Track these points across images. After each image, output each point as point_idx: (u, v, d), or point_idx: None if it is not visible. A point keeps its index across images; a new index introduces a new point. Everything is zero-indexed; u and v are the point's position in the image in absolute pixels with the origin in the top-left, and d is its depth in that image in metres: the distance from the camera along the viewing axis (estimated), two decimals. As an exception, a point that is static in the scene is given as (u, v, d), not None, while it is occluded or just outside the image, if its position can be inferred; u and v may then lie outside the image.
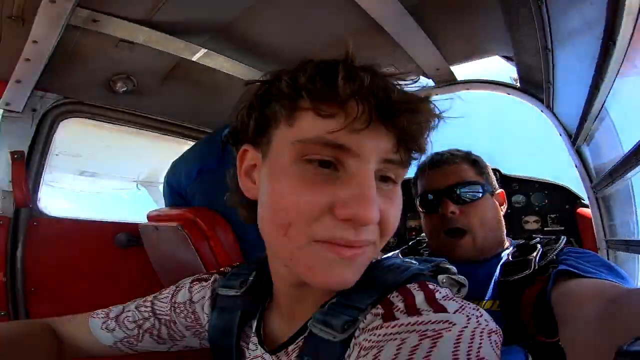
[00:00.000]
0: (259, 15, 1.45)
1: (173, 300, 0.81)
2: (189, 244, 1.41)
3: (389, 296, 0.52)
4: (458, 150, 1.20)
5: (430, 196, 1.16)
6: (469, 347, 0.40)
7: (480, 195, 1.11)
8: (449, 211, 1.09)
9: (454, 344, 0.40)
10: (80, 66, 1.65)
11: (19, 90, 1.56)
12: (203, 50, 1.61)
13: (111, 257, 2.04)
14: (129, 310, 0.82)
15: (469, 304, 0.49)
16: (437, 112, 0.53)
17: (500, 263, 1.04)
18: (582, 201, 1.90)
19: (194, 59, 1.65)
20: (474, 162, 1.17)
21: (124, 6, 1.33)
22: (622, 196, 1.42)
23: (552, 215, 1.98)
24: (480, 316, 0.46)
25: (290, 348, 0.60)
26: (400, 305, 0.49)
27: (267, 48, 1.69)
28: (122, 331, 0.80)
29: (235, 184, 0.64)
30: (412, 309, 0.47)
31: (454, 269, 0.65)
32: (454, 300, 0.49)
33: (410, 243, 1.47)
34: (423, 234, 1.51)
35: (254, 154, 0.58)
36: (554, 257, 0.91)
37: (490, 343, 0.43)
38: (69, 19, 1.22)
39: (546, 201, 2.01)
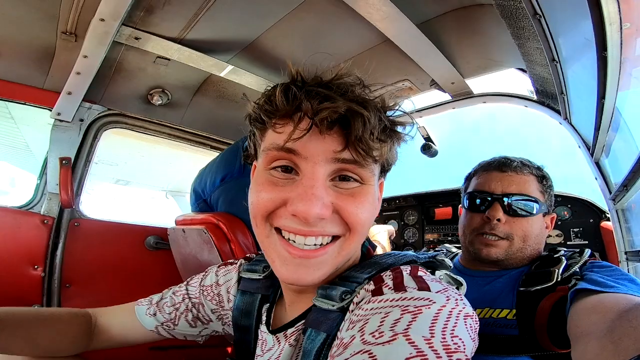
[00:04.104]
0: (280, 34, 1.56)
1: (202, 284, 0.90)
2: (212, 245, 1.50)
3: (382, 274, 0.58)
4: (530, 162, 1.15)
5: (483, 196, 1.12)
6: (444, 324, 0.45)
7: (534, 213, 1.07)
8: (495, 217, 1.06)
9: (432, 320, 0.45)
10: (122, 80, 1.83)
11: (69, 102, 1.75)
12: (230, 67, 1.74)
13: (140, 258, 2.19)
14: (166, 297, 0.92)
15: (452, 288, 0.54)
16: (383, 113, 0.57)
17: (522, 274, 1.03)
18: (607, 215, 1.86)
19: (222, 74, 1.79)
20: (542, 178, 1.13)
21: (161, 25, 1.47)
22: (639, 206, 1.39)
23: (575, 230, 1.94)
24: (461, 300, 0.50)
25: (290, 331, 0.66)
26: (390, 282, 0.54)
27: (287, 64, 1.80)
28: (162, 316, 0.89)
29: None
30: (399, 286, 0.53)
31: (450, 263, 0.69)
32: (439, 283, 0.54)
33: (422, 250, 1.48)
34: (439, 248, 1.53)
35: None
36: (577, 269, 0.91)
37: (466, 325, 0.47)
38: (115, 36, 1.38)
39: (569, 215, 1.97)
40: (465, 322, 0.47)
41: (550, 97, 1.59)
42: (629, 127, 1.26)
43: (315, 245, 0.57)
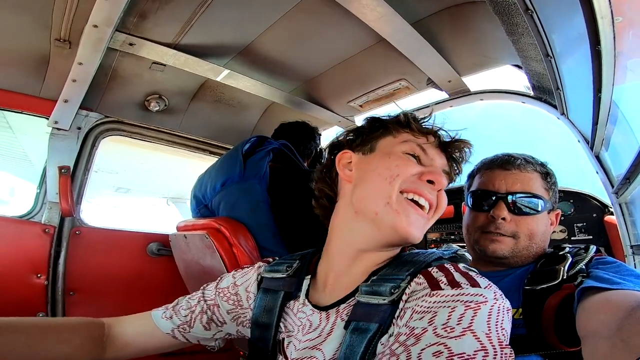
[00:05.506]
0: (276, 37, 1.56)
1: (218, 287, 0.96)
2: (214, 250, 1.49)
3: (429, 269, 0.68)
4: (533, 159, 1.13)
5: (487, 195, 1.10)
6: (496, 318, 0.55)
7: (539, 210, 1.06)
8: (500, 216, 1.05)
9: (488, 315, 0.55)
10: (118, 87, 1.83)
11: (66, 110, 1.74)
12: (226, 71, 1.74)
13: (143, 264, 2.18)
14: (182, 302, 0.97)
15: (491, 282, 0.64)
16: (470, 149, 0.85)
17: (527, 272, 1.02)
18: (610, 209, 1.85)
19: (218, 79, 1.79)
20: (546, 175, 1.11)
21: (154, 30, 1.48)
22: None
23: (579, 225, 1.93)
24: (501, 295, 0.61)
25: (342, 307, 0.74)
26: (444, 279, 0.64)
27: (284, 67, 1.80)
28: (177, 318, 0.93)
29: (326, 186, 0.90)
30: (453, 283, 0.62)
31: (469, 257, 0.83)
32: (483, 278, 0.64)
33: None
34: (443, 248, 1.52)
35: (351, 155, 0.86)
36: (583, 266, 0.90)
37: (508, 318, 0.58)
38: (109, 42, 1.38)
39: (572, 210, 1.96)
40: (508, 315, 0.58)
41: (546, 92, 1.58)
42: (628, 120, 1.25)
43: (426, 208, 0.77)
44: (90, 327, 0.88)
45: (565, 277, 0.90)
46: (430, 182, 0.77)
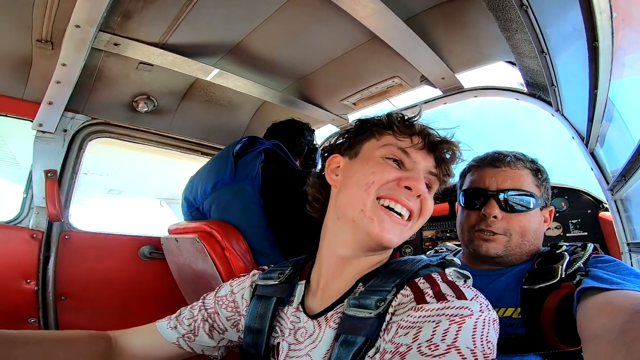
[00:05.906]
0: (266, 34, 1.53)
1: (216, 295, 0.98)
2: (206, 254, 1.47)
3: (416, 280, 0.68)
4: (524, 155, 1.12)
5: (478, 193, 1.09)
6: (481, 332, 0.55)
7: (531, 207, 1.05)
8: (491, 215, 1.04)
9: (473, 329, 0.55)
10: (105, 88, 1.79)
11: (51, 112, 1.70)
12: (216, 70, 1.71)
13: (135, 268, 2.15)
14: (184, 312, 0.98)
15: (478, 292, 0.63)
16: (459, 150, 0.82)
17: (525, 271, 1.01)
18: (604, 205, 1.84)
19: (208, 78, 1.75)
20: (537, 171, 1.10)
21: (140, 30, 1.44)
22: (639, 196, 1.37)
23: (574, 221, 1.92)
24: (487, 306, 0.60)
25: (330, 314, 0.75)
26: (429, 291, 0.64)
27: (275, 65, 1.77)
28: (182, 328, 0.94)
29: (316, 190, 0.92)
30: (439, 295, 0.62)
31: (458, 262, 0.80)
32: (470, 289, 0.64)
33: (427, 253, 1.45)
34: (439, 247, 1.50)
35: (340, 159, 0.87)
36: (581, 264, 0.89)
37: (494, 330, 0.57)
38: (93, 42, 1.33)
39: (566, 207, 1.95)
40: (493, 327, 0.57)
41: (541, 89, 1.57)
42: (623, 117, 1.24)
43: (404, 216, 0.76)
44: (98, 340, 0.88)
45: (563, 276, 0.89)
46: (408, 188, 0.76)
